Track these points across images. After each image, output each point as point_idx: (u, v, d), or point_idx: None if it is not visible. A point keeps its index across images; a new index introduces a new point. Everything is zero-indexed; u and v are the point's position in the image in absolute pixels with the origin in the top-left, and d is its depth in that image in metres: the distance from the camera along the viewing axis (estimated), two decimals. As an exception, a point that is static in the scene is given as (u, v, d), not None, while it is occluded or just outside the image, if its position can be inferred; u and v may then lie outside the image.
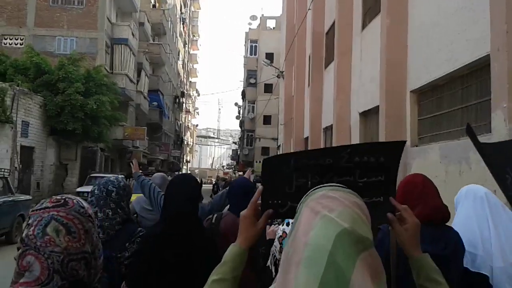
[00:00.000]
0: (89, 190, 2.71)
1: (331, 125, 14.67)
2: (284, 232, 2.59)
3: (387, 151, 1.48)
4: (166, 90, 44.93)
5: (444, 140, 7.73)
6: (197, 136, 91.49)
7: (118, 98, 24.66)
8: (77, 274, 1.25)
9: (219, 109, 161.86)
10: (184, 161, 67.50)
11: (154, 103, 37.86)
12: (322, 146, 16.10)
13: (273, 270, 2.56)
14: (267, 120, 42.97)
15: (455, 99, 7.55)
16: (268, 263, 2.64)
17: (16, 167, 18.36)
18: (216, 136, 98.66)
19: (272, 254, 2.58)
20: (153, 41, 40.68)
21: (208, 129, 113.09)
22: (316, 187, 1.07)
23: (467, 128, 2.13)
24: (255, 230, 1.42)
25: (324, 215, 0.95)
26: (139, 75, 34.41)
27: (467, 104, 7.19)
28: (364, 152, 1.45)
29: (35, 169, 20.46)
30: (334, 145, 12.96)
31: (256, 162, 41.38)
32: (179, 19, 51.70)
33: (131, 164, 4.97)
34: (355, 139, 12.06)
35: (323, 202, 0.99)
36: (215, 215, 3.29)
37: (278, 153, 29.25)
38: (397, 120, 8.88)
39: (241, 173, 41.75)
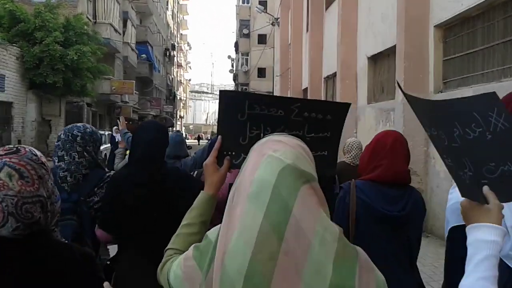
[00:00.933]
0: None
1: (334, 73, 13.27)
2: None
3: (334, 110, 1.56)
4: (156, 42, 42.80)
5: (476, 84, 6.43)
6: (191, 91, 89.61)
7: (102, 49, 22.87)
8: (32, 216, 1.30)
9: (212, 63, 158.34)
10: (178, 117, 65.97)
11: (142, 55, 35.88)
12: (323, 96, 14.76)
13: None
14: (261, 72, 41.31)
15: (492, 33, 6.19)
16: None
17: (-9, 124, 16.96)
18: (209, 91, 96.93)
19: None
20: (140, -11, 38.24)
21: (202, 84, 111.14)
22: (268, 135, 1.13)
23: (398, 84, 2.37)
24: (218, 175, 1.48)
25: (270, 155, 1.01)
26: (125, 25, 32.33)
27: (508, 38, 5.85)
28: (312, 109, 1.52)
29: (15, 125, 19.02)
30: (338, 95, 11.63)
31: (251, 116, 40.03)
32: (167, -34, 48.79)
33: (118, 121, 5.14)
34: (363, 87, 10.73)
35: (269, 145, 1.05)
36: (196, 171, 3.51)
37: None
38: (418, 62, 7.54)
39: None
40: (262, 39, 39.71)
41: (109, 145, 21.74)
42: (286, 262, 0.90)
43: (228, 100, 1.55)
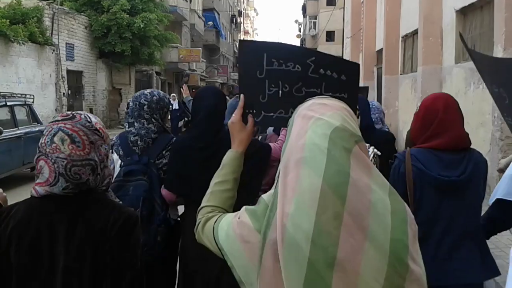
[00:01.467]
0: None
1: (414, 31, 11.86)
2: None
3: (347, 70, 1.52)
4: (222, 9, 42.21)
5: None
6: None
7: (169, 16, 22.61)
8: (80, 178, 1.41)
9: (279, 28, 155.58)
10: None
11: (209, 22, 35.50)
12: (400, 58, 13.40)
13: None
14: (330, 36, 39.54)
15: None
16: None
17: (63, 93, 17.27)
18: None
19: None
20: (206, -46, 37.54)
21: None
22: (308, 99, 1.12)
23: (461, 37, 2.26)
24: (245, 133, 1.48)
25: (318, 118, 1.00)
26: (192, -8, 31.95)
27: None
28: (327, 65, 1.50)
29: (85, 94, 19.38)
30: (420, 55, 10.32)
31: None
32: None
33: (181, 89, 5.30)
34: (450, 45, 9.38)
35: (314, 108, 1.04)
36: (260, 136, 3.63)
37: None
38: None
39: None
40: (331, 0, 37.79)
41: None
42: (350, 221, 0.90)
43: (248, 52, 1.56)
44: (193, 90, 31.13)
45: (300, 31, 49.88)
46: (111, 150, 2.50)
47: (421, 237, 1.01)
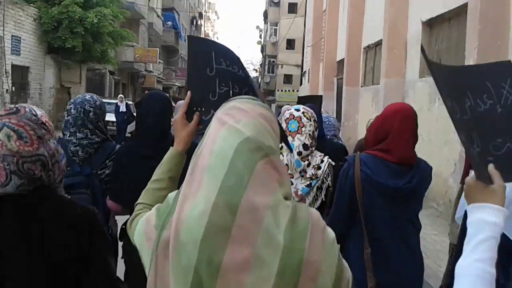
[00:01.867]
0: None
1: (376, 42, 11.63)
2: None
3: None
4: (182, 9, 41.27)
5: None
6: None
7: (125, 13, 21.58)
8: (34, 174, 1.34)
9: (240, 33, 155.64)
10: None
11: (168, 22, 34.52)
12: (361, 70, 13.16)
13: None
14: (290, 44, 39.38)
15: None
16: None
17: (6, 89, 15.96)
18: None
19: None
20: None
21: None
22: (230, 99, 1.13)
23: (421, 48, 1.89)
24: (187, 131, 1.47)
25: (230, 125, 1.02)
26: (150, -10, 30.90)
27: None
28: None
29: (31, 92, 18.04)
30: (383, 67, 10.04)
31: (278, 90, 38.51)
32: None
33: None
34: (414, 58, 9.12)
35: (231, 112, 1.05)
36: None
37: (303, 80, 26.28)
38: (497, 25, 5.94)
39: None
40: (292, 8, 37.69)
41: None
42: (239, 234, 0.93)
43: (198, 49, 1.52)
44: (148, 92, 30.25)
45: (261, 37, 49.64)
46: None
47: (370, 240, 1.48)
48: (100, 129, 2.50)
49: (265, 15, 43.81)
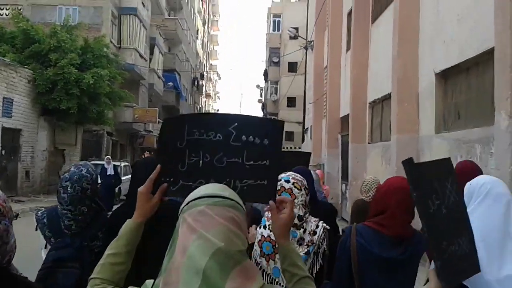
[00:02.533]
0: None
1: (383, 97, 10.87)
2: (262, 235, 2.48)
3: (271, 131, 1.52)
4: (184, 70, 41.47)
5: None
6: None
7: (123, 74, 21.24)
8: None
9: (241, 94, 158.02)
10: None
11: (169, 83, 34.35)
12: (367, 126, 12.33)
13: None
14: (291, 102, 39.21)
15: None
16: None
17: (-5, 153, 15.16)
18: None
19: (253, 257, 2.48)
20: (169, 16, 37.13)
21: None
22: (196, 196, 1.15)
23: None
24: (149, 204, 1.48)
25: (200, 234, 1.06)
26: (152, 52, 30.94)
27: None
28: (250, 129, 1.51)
29: (22, 155, 17.23)
30: (394, 122, 9.18)
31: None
32: (197, -5, 47.88)
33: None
34: (428, 111, 8.26)
35: (200, 219, 1.09)
36: None
37: (305, 137, 25.55)
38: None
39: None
40: (292, 66, 37.80)
41: (129, 176, 19.84)
42: None
43: (169, 128, 1.55)
44: (152, 153, 29.27)
45: (261, 96, 49.68)
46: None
47: None
48: (96, 203, 2.42)
49: (266, 74, 43.99)
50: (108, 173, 13.46)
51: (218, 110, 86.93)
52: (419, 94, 8.71)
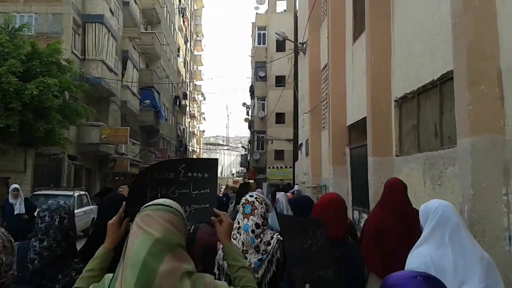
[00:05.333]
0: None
1: (425, 85, 7.34)
2: None
3: (209, 167, 2.07)
4: (164, 88, 37.88)
5: None
6: (206, 144, 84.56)
7: (84, 86, 17.57)
8: None
9: (228, 114, 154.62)
10: (190, 170, 60.11)
11: (146, 101, 30.69)
12: (394, 132, 8.76)
13: (217, 273, 2.88)
14: (280, 118, 35.77)
15: None
16: (215, 269, 2.94)
17: None
18: (225, 143, 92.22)
19: (217, 261, 2.91)
20: (146, 30, 33.70)
21: (218, 137, 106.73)
22: (147, 204, 1.58)
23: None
24: (118, 234, 1.88)
25: (144, 230, 1.45)
26: (125, 67, 27.36)
27: None
28: (194, 167, 2.05)
29: None
30: (458, 120, 5.61)
31: (269, 168, 34.14)
32: (177, 9, 44.57)
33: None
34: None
35: (146, 220, 1.49)
36: (193, 226, 3.91)
37: (299, 155, 21.98)
38: None
39: (251, 181, 34.40)
40: (280, 80, 34.51)
41: (89, 207, 15.99)
42: None
43: (138, 179, 2.08)
44: (122, 178, 25.12)
45: (248, 114, 46.14)
46: None
47: None
48: (66, 240, 2.42)
49: (252, 90, 40.58)
50: (16, 212, 9.13)
51: (203, 131, 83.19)
52: (502, 73, 5.17)
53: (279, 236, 2.88)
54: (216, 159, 2.11)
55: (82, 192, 15.35)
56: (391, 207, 3.77)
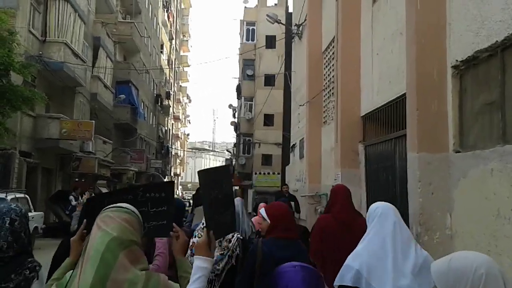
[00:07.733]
0: None
1: (505, 39, 4.25)
2: (193, 242, 3.47)
3: (166, 188, 2.29)
4: (143, 84, 34.52)
5: None
6: (191, 148, 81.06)
7: (33, 66, 14.23)
8: None
9: (214, 119, 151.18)
10: (172, 175, 56.55)
11: (121, 96, 27.27)
12: (452, 116, 5.66)
13: None
14: (268, 119, 32.68)
15: None
16: None
17: None
18: (211, 149, 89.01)
19: (187, 257, 3.04)
20: (124, 19, 30.42)
21: (204, 142, 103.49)
22: (107, 207, 1.78)
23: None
24: (81, 248, 1.91)
25: (102, 228, 1.65)
26: (96, 56, 24.01)
27: None
28: (152, 189, 2.26)
29: None
30: None
31: (255, 174, 30.96)
32: (161, 2, 41.29)
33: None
34: None
35: (104, 220, 1.69)
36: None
37: (291, 157, 18.85)
38: None
39: (237, 187, 31.06)
40: (269, 80, 31.51)
41: (30, 213, 12.58)
42: None
43: (91, 206, 2.16)
44: (83, 180, 21.52)
45: (234, 116, 42.88)
46: None
47: None
48: (19, 242, 2.28)
49: (238, 89, 37.43)
50: None
51: (188, 134, 79.64)
52: None
53: (239, 235, 3.56)
54: (173, 182, 2.47)
55: (19, 195, 11.97)
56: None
